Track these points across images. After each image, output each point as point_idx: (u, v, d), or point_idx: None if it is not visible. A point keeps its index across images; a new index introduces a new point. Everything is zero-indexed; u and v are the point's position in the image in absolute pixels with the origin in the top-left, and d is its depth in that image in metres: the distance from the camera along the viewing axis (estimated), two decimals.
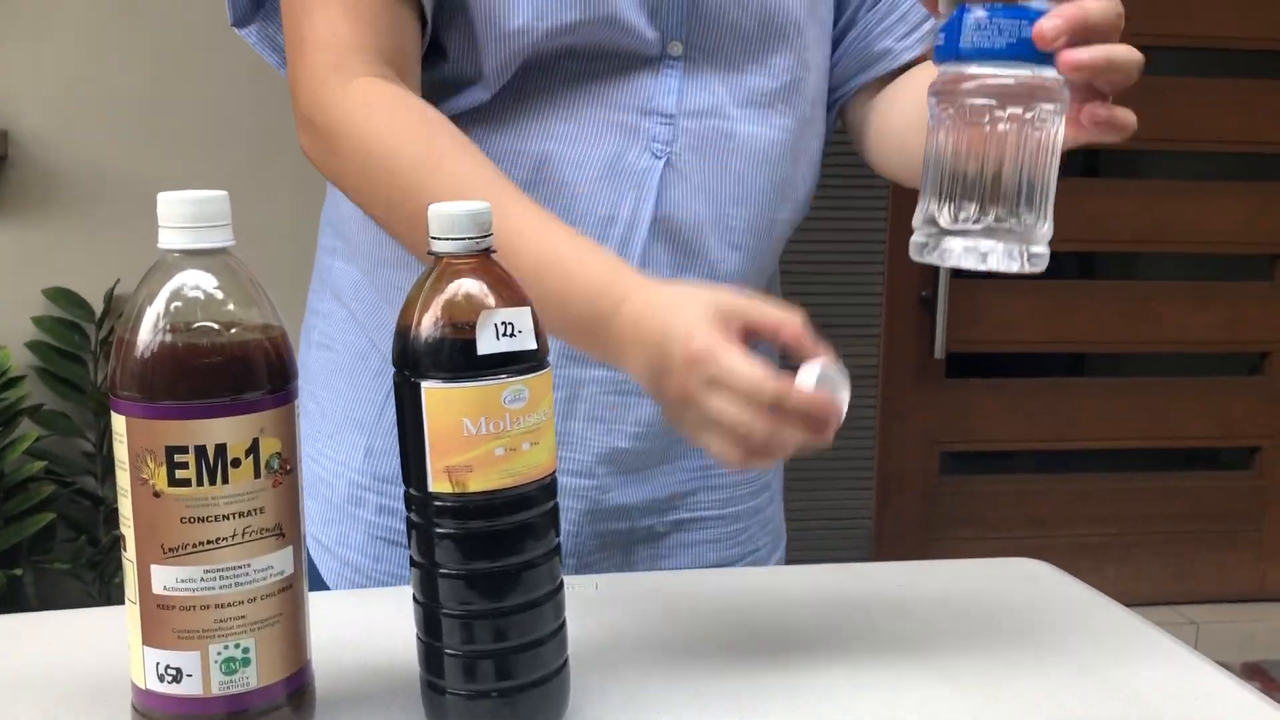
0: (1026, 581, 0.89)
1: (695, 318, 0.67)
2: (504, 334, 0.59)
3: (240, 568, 0.57)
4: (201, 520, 0.56)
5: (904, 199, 2.60)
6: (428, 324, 0.59)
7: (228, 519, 0.56)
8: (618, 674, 0.72)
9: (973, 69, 0.62)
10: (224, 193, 0.57)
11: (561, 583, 0.64)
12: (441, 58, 0.86)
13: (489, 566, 0.61)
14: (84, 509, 2.17)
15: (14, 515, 2.02)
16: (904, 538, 2.77)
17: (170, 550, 0.56)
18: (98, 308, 2.14)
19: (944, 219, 0.63)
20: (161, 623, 0.57)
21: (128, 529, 0.57)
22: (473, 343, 0.59)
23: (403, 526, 0.63)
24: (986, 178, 0.62)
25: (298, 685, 0.61)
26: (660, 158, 0.86)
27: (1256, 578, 2.97)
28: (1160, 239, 2.83)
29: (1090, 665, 0.74)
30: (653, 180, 0.86)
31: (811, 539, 2.68)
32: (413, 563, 0.62)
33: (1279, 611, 2.92)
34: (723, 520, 0.98)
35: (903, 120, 0.91)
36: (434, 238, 0.60)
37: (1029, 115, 0.61)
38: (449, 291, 0.60)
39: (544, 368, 0.61)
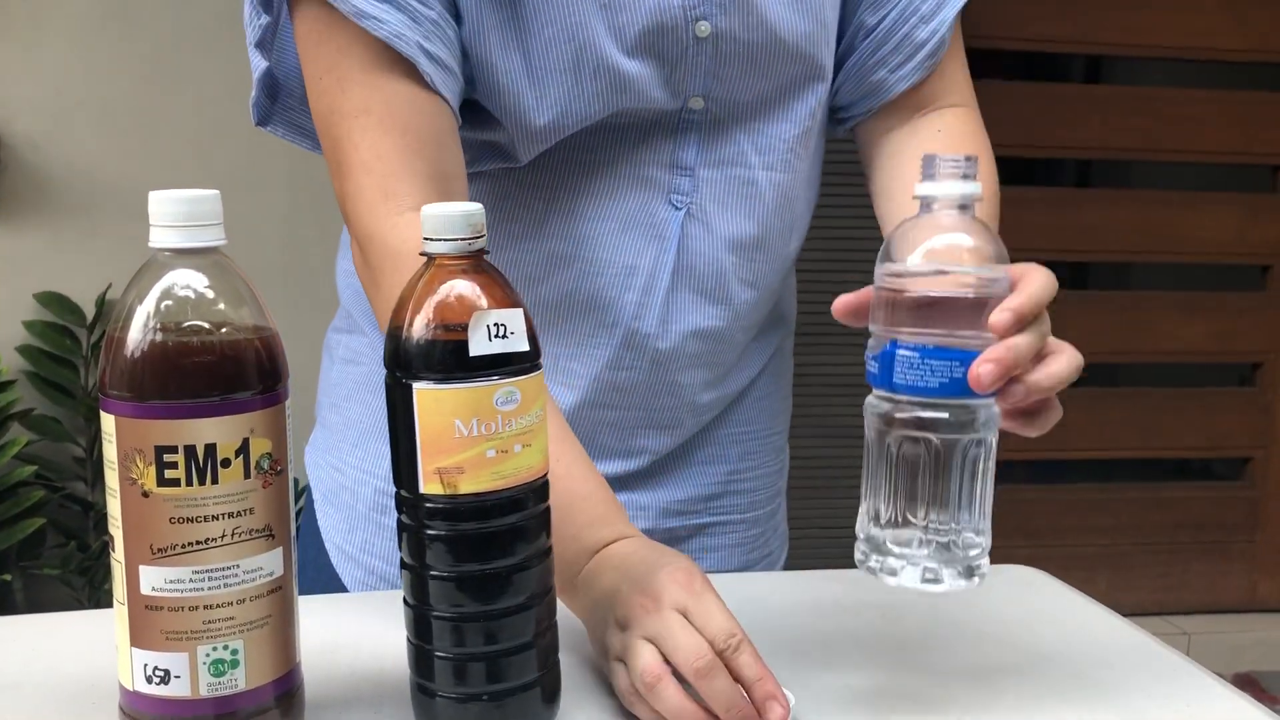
0: (1021, 588, 0.89)
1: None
2: (496, 335, 0.59)
3: (229, 569, 0.57)
4: (191, 521, 0.55)
5: None
6: (419, 325, 0.59)
7: (217, 519, 0.56)
8: (608, 678, 0.71)
9: (906, 403, 0.62)
10: (215, 192, 0.57)
11: (552, 585, 0.64)
12: (475, 125, 0.85)
13: (480, 569, 0.60)
14: (74, 514, 2.16)
15: (3, 520, 2.01)
16: None
17: (159, 551, 0.56)
18: (89, 312, 2.13)
19: (886, 537, 0.64)
20: (150, 624, 0.56)
21: (116, 529, 0.57)
22: (465, 344, 0.58)
23: None
24: (927, 499, 0.63)
25: (287, 688, 0.60)
26: (680, 209, 0.87)
27: (1248, 588, 2.97)
28: (1152, 249, 2.84)
29: (1085, 672, 0.74)
30: (673, 230, 0.87)
31: (809, 547, 2.68)
32: (403, 565, 0.62)
33: (1270, 622, 2.92)
34: (745, 524, 1.00)
35: (891, 207, 0.93)
36: (426, 238, 0.60)
37: (965, 439, 0.62)
38: (441, 292, 0.59)
39: (536, 369, 0.61)
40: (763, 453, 1.01)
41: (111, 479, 0.57)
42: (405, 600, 0.62)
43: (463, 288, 0.60)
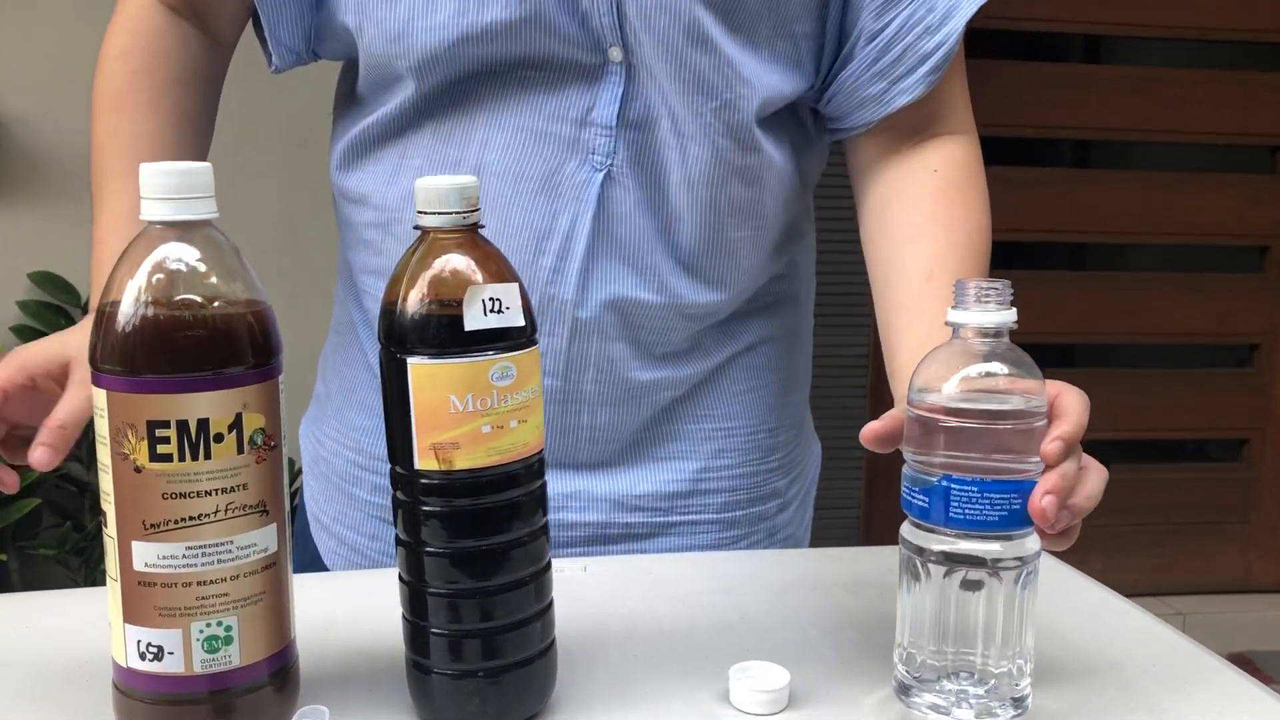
0: None
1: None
2: (491, 310, 0.59)
3: (223, 545, 0.56)
4: (183, 496, 0.55)
5: None
6: (414, 300, 0.58)
7: (210, 495, 0.55)
8: (605, 655, 0.71)
9: (958, 537, 0.61)
10: (207, 164, 0.56)
11: (549, 563, 0.64)
12: (360, 65, 0.86)
13: (475, 545, 0.60)
14: (69, 495, 2.15)
15: None
16: (892, 526, 2.76)
17: (152, 526, 0.55)
18: (84, 292, 2.12)
19: (933, 672, 0.63)
20: (143, 600, 0.56)
21: (108, 505, 0.56)
22: (459, 319, 0.58)
23: None
24: (981, 632, 0.62)
25: (281, 664, 0.60)
26: (600, 170, 0.83)
27: (1243, 569, 2.98)
28: (1150, 230, 2.83)
29: (1083, 650, 0.74)
30: (591, 193, 0.83)
31: None
32: (398, 541, 0.62)
33: (1265, 603, 2.93)
34: (720, 525, 0.94)
35: (885, 254, 0.89)
36: (420, 211, 0.59)
37: (1018, 570, 0.62)
38: (435, 267, 0.59)
39: (532, 345, 0.61)
40: (744, 450, 0.94)
41: (104, 454, 0.56)
42: (400, 577, 0.62)
43: (457, 262, 0.59)
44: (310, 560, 0.96)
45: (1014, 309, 0.61)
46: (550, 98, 0.82)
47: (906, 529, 0.63)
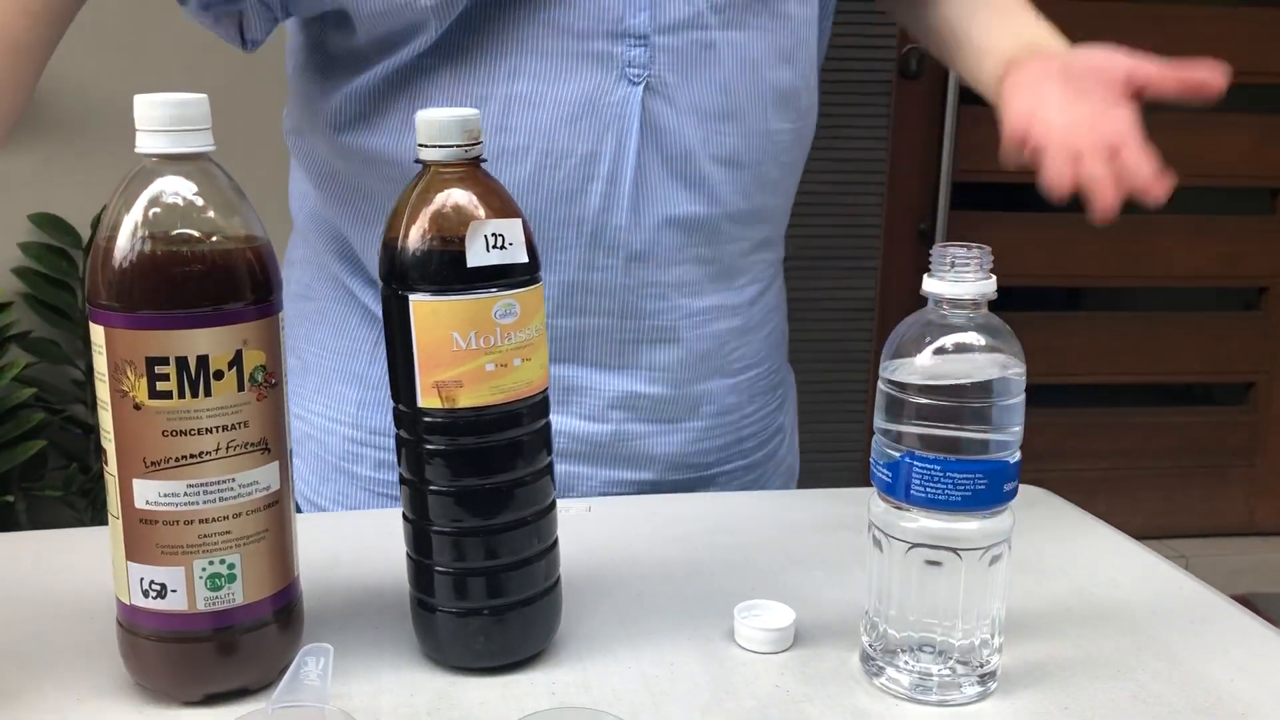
0: (1024, 507, 0.87)
1: None
2: (494, 246, 0.58)
3: (224, 482, 0.56)
4: (184, 434, 0.54)
5: (905, 126, 2.57)
6: (415, 235, 0.57)
7: (211, 432, 0.55)
8: (610, 594, 0.71)
9: (924, 517, 0.59)
10: (203, 95, 0.55)
11: (554, 501, 0.63)
12: (367, 27, 0.80)
13: (479, 483, 0.59)
14: (75, 437, 2.16)
15: (4, 443, 2.01)
16: None
17: (152, 464, 0.55)
18: (84, 233, 2.11)
19: (898, 645, 0.61)
20: (145, 538, 0.56)
21: (109, 443, 0.56)
22: (462, 254, 0.57)
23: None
24: (940, 614, 0.60)
25: (285, 602, 0.60)
26: (638, 83, 0.80)
27: (1247, 512, 2.98)
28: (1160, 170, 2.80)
29: (1090, 589, 0.73)
30: (634, 109, 0.80)
31: (805, 469, 2.69)
32: (402, 480, 0.61)
33: (1268, 546, 2.94)
34: (746, 469, 0.96)
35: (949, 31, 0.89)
36: (421, 145, 0.58)
37: (981, 556, 0.59)
38: (437, 202, 0.58)
39: (536, 282, 0.60)
40: (764, 393, 0.96)
41: (102, 391, 0.55)
42: (404, 515, 0.62)
43: (459, 197, 0.58)
44: None
45: (993, 278, 0.58)
46: (575, 14, 0.78)
47: (873, 498, 0.62)
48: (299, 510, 0.96)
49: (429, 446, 0.59)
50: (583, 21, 0.79)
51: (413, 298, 0.57)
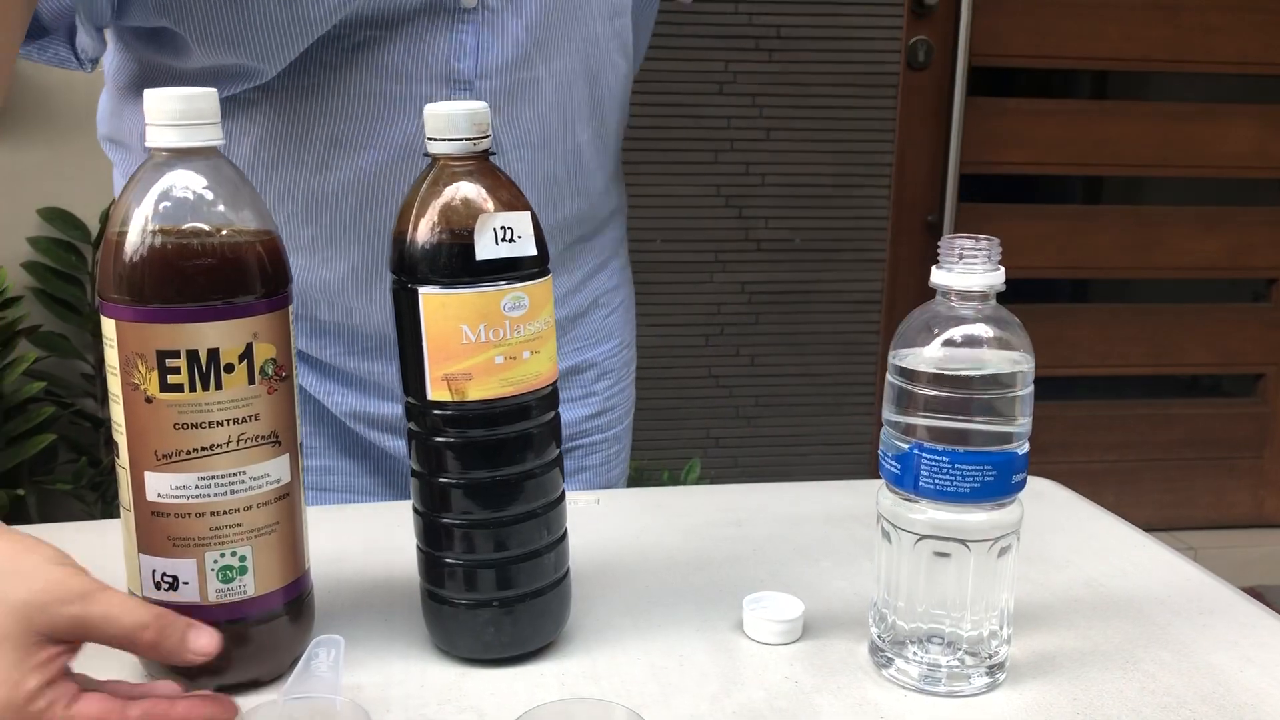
0: (1032, 499, 0.88)
1: (9, 652, 0.49)
2: (503, 239, 0.58)
3: (235, 475, 0.56)
4: (195, 426, 0.55)
5: (912, 118, 2.57)
6: (424, 228, 0.58)
7: (222, 425, 0.55)
8: (619, 586, 0.71)
9: (933, 508, 0.59)
10: (212, 90, 0.55)
11: (563, 493, 0.63)
12: (207, 42, 0.77)
13: (488, 476, 0.60)
14: (84, 430, 2.16)
15: (15, 436, 2.02)
16: None
17: (164, 457, 0.55)
18: (93, 228, 2.12)
19: (906, 636, 0.61)
20: (157, 530, 0.56)
21: (120, 436, 0.56)
22: (471, 247, 0.57)
23: None
24: (949, 605, 0.60)
25: (296, 594, 0.60)
26: None
27: (1255, 504, 2.98)
28: (1168, 163, 2.79)
29: (1099, 581, 0.73)
30: None
31: (813, 462, 2.69)
32: (412, 472, 0.61)
33: (1276, 538, 2.93)
34: (607, 442, 1.00)
35: None
36: (430, 138, 0.58)
37: (990, 547, 0.59)
38: (446, 195, 0.58)
39: (544, 275, 0.60)
40: (619, 369, 1.00)
41: (114, 385, 0.56)
42: (414, 508, 0.62)
43: (468, 190, 0.58)
44: None
45: (1001, 269, 0.58)
46: (402, 57, 0.77)
47: (881, 490, 0.62)
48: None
49: (439, 439, 0.59)
50: (409, 66, 0.78)
51: (422, 290, 0.57)
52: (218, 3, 0.73)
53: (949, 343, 0.58)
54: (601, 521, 0.81)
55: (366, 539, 0.77)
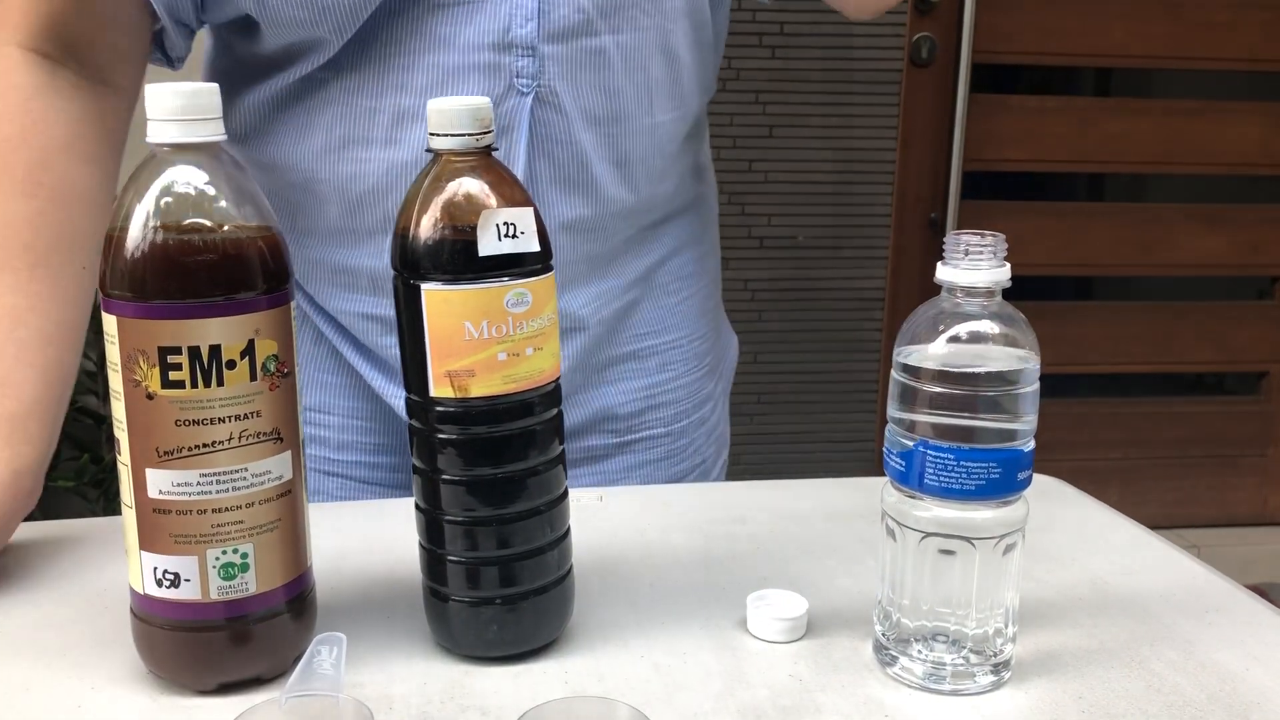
0: (1035, 497, 0.87)
1: None
2: (506, 235, 0.57)
3: (237, 472, 0.56)
4: (196, 423, 0.54)
5: (915, 114, 2.56)
6: (427, 224, 0.57)
7: (224, 422, 0.55)
8: (622, 583, 0.71)
9: (937, 506, 0.58)
10: (214, 85, 0.55)
11: (566, 491, 0.63)
12: (270, 39, 0.80)
13: (491, 473, 0.59)
14: (86, 428, 2.16)
15: None
16: None
17: (165, 454, 0.55)
18: None
19: (911, 634, 0.61)
20: (158, 527, 0.56)
21: (121, 432, 0.56)
22: (473, 243, 0.57)
23: None
24: (953, 603, 0.60)
25: (298, 592, 0.60)
26: (527, 94, 0.79)
27: (1259, 502, 2.97)
28: (1172, 160, 2.79)
29: (1103, 579, 0.73)
30: (523, 119, 0.80)
31: (816, 459, 2.69)
32: (415, 469, 0.61)
33: None
34: (670, 436, 0.97)
35: None
36: (432, 134, 0.58)
37: (995, 545, 0.59)
38: (449, 191, 0.58)
39: (548, 271, 0.60)
40: (684, 361, 0.97)
41: (115, 381, 0.55)
42: (416, 505, 0.62)
43: (471, 185, 0.58)
44: None
45: (1007, 265, 0.57)
46: (462, 26, 0.78)
47: (886, 487, 0.61)
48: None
49: (441, 436, 0.59)
50: (469, 34, 0.78)
51: (425, 287, 0.57)
52: None
53: (954, 339, 0.58)
54: (604, 519, 0.81)
55: (369, 536, 0.77)
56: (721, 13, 0.93)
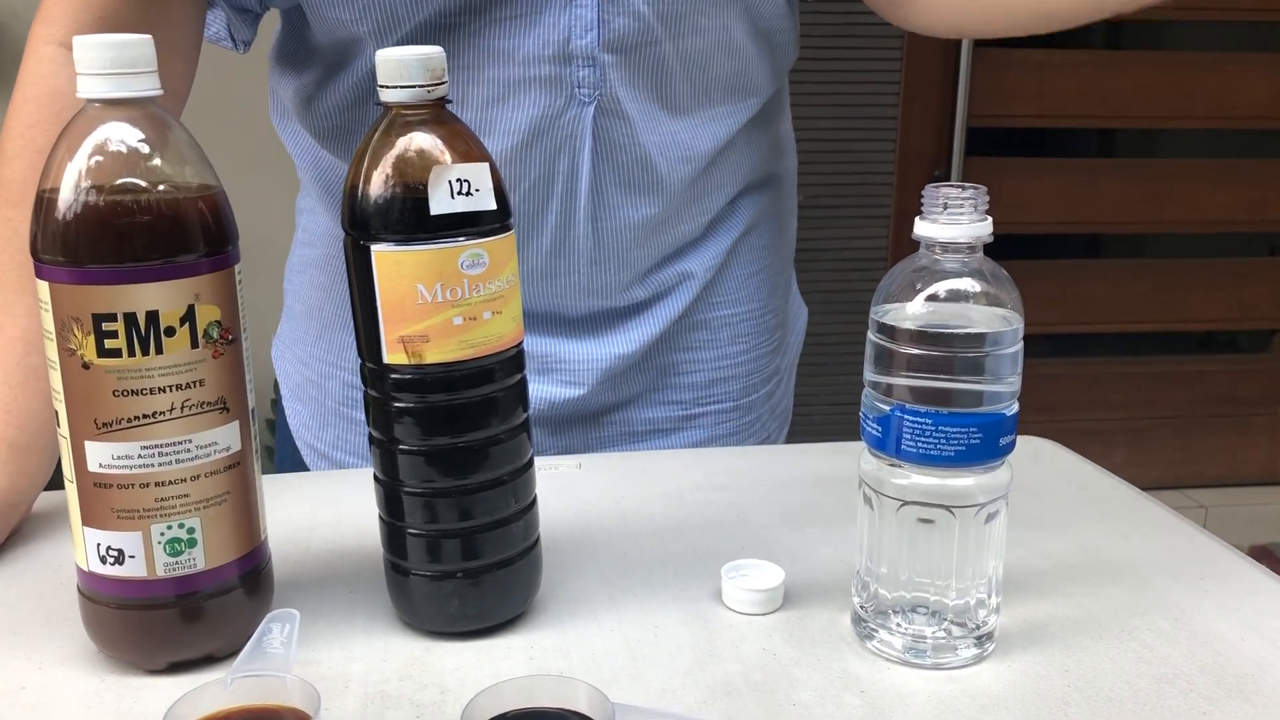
0: (1030, 460, 0.85)
1: None
2: (459, 192, 0.55)
3: (181, 444, 0.53)
4: (135, 394, 0.52)
5: (918, 69, 2.51)
6: (376, 181, 0.54)
7: (164, 392, 0.52)
8: (595, 554, 0.69)
9: (916, 473, 0.55)
10: (147, 37, 0.52)
11: (531, 459, 0.61)
12: (319, 32, 0.79)
13: (450, 442, 0.57)
14: None
15: None
16: None
17: (104, 425, 0.52)
18: None
19: (890, 605, 0.58)
20: (100, 502, 0.53)
21: (59, 404, 0.53)
22: (425, 201, 0.54)
23: None
24: (933, 573, 0.57)
25: (251, 566, 0.58)
26: (589, 103, 0.78)
27: (1268, 462, 2.94)
28: (1183, 115, 2.73)
29: (1097, 545, 0.70)
30: (585, 128, 0.79)
31: (814, 423, 2.66)
32: (371, 439, 0.59)
33: None
34: (739, 411, 0.95)
35: None
36: (382, 85, 0.55)
37: (977, 513, 0.56)
38: (399, 146, 0.55)
39: (506, 231, 0.57)
40: (755, 334, 0.95)
41: (51, 350, 0.53)
42: (375, 476, 0.59)
43: (422, 140, 0.55)
44: None
45: (988, 220, 0.54)
46: (520, 39, 0.76)
47: (863, 454, 0.58)
48: (300, 456, 0.95)
49: (397, 405, 0.56)
50: (528, 47, 0.76)
51: (375, 248, 0.54)
52: None
53: (933, 298, 0.55)
54: (582, 487, 0.78)
55: (336, 508, 0.75)
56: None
